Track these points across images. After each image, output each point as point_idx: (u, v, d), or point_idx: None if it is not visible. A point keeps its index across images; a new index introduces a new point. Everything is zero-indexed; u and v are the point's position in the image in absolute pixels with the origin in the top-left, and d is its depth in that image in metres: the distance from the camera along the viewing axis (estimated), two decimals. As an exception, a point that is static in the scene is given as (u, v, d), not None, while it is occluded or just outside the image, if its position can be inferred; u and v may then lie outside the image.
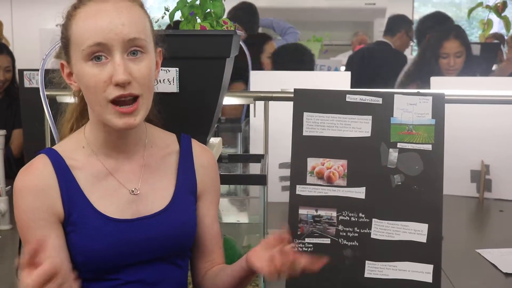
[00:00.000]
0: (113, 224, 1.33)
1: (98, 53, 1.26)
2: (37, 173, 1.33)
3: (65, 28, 1.32)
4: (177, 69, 1.59)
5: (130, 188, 1.38)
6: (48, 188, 1.32)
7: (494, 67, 4.66)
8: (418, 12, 10.44)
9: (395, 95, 1.86)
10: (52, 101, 2.30)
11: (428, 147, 1.84)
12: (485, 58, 4.30)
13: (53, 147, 1.39)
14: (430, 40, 3.76)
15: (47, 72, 1.77)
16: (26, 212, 1.31)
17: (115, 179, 1.37)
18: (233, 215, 2.26)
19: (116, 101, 1.27)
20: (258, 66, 3.93)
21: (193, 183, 1.47)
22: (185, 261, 1.48)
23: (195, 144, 1.50)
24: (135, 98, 1.28)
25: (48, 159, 1.35)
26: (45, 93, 1.75)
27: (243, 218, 2.24)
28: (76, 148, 1.38)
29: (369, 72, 4.19)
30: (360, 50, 5.36)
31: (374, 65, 4.21)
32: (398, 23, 5.15)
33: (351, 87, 2.93)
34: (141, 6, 1.35)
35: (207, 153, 1.52)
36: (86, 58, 1.27)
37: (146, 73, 1.29)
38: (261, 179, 1.89)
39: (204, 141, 1.66)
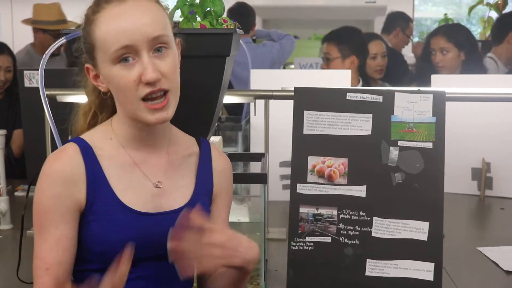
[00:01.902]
0: (135, 216, 1.35)
1: (126, 55, 1.29)
2: (67, 160, 1.34)
3: (88, 33, 1.34)
4: (177, 68, 1.59)
5: (154, 181, 1.40)
6: (75, 177, 1.34)
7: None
8: (419, 10, 10.44)
9: (395, 93, 1.86)
10: (52, 100, 2.31)
11: (429, 145, 1.84)
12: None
13: (81, 136, 1.41)
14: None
15: (46, 71, 1.77)
16: (50, 198, 1.32)
17: (141, 171, 1.40)
18: (233, 214, 2.26)
19: (147, 98, 1.30)
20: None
21: (210, 186, 1.49)
22: None
23: (213, 148, 1.54)
24: (165, 93, 1.31)
25: (78, 147, 1.36)
26: (45, 92, 1.74)
27: (243, 217, 2.24)
28: (103, 139, 1.40)
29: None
30: None
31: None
32: (393, 21, 5.16)
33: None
34: (157, 1, 1.37)
35: (224, 158, 1.55)
36: (114, 61, 1.29)
37: (172, 67, 1.33)
38: (261, 178, 1.88)
39: (204, 140, 1.65)
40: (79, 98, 2.33)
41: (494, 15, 4.92)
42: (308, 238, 1.85)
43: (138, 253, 1.34)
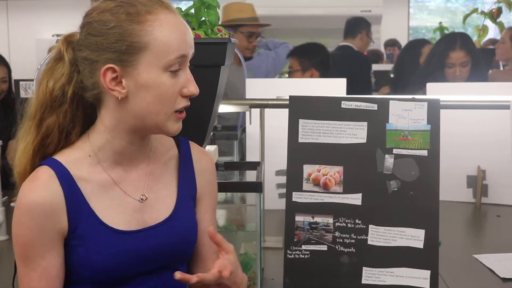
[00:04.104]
0: (119, 237, 1.31)
1: (178, 65, 1.29)
2: (44, 189, 1.27)
3: (131, 32, 1.25)
4: (172, 77, 1.59)
5: (136, 197, 1.36)
6: (55, 205, 1.28)
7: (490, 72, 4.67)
8: (414, 19, 10.48)
9: (390, 101, 1.87)
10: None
11: (424, 152, 1.84)
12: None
13: (55, 157, 1.32)
14: (436, 50, 3.79)
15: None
16: (32, 231, 1.27)
17: (121, 190, 1.35)
18: (230, 223, 2.26)
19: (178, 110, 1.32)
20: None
21: (193, 188, 1.45)
22: (184, 266, 1.46)
23: (194, 148, 1.49)
24: None
25: (53, 171, 1.29)
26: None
27: (240, 226, 2.24)
28: (80, 158, 1.33)
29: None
30: None
31: (339, 71, 4.24)
32: (358, 25, 5.38)
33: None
34: None
35: (205, 157, 1.52)
36: (166, 68, 1.27)
37: None
38: (256, 187, 1.88)
39: (199, 149, 1.65)
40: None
41: (489, 23, 4.94)
42: (304, 247, 1.85)
43: (127, 271, 1.33)
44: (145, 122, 1.31)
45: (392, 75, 6.55)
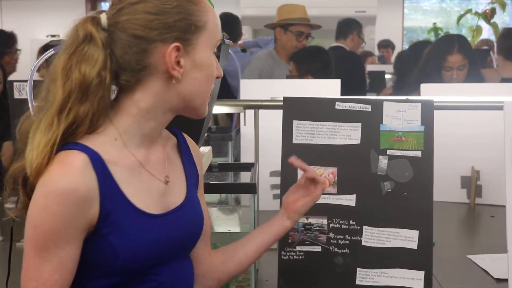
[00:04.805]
0: (153, 221, 1.28)
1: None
2: (80, 177, 1.18)
3: (192, 12, 1.28)
4: (166, 78, 1.59)
5: (161, 178, 1.34)
6: (91, 191, 1.20)
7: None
8: (409, 19, 10.51)
9: (384, 102, 1.87)
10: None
11: (418, 153, 1.85)
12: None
13: (82, 142, 1.23)
14: (433, 52, 3.77)
15: (36, 82, 1.77)
16: (60, 220, 1.17)
17: (147, 172, 1.31)
18: (224, 224, 2.26)
19: None
20: None
21: (196, 175, 1.47)
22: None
23: (187, 138, 1.51)
24: None
25: (86, 155, 1.20)
26: (34, 104, 1.74)
27: (234, 227, 2.24)
28: (107, 142, 1.26)
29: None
30: None
31: (333, 70, 4.26)
32: (349, 26, 5.46)
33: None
34: None
35: (196, 146, 1.55)
36: (214, 48, 1.33)
37: None
38: (251, 188, 1.88)
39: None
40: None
41: (483, 24, 4.95)
42: (298, 248, 1.85)
43: (157, 258, 1.30)
44: (192, 103, 1.33)
45: (388, 76, 6.58)
